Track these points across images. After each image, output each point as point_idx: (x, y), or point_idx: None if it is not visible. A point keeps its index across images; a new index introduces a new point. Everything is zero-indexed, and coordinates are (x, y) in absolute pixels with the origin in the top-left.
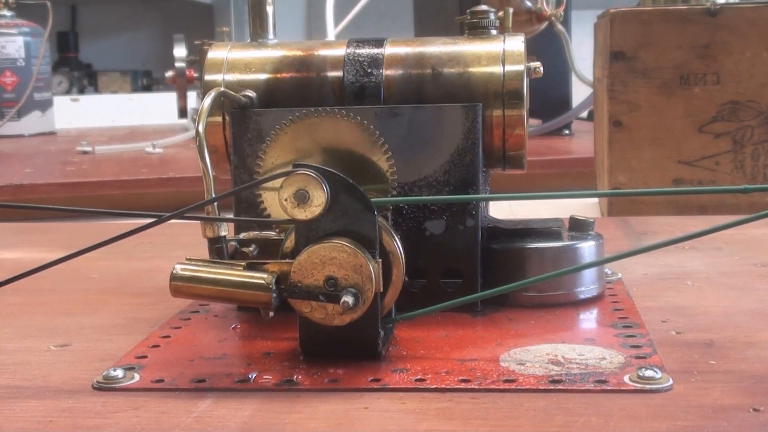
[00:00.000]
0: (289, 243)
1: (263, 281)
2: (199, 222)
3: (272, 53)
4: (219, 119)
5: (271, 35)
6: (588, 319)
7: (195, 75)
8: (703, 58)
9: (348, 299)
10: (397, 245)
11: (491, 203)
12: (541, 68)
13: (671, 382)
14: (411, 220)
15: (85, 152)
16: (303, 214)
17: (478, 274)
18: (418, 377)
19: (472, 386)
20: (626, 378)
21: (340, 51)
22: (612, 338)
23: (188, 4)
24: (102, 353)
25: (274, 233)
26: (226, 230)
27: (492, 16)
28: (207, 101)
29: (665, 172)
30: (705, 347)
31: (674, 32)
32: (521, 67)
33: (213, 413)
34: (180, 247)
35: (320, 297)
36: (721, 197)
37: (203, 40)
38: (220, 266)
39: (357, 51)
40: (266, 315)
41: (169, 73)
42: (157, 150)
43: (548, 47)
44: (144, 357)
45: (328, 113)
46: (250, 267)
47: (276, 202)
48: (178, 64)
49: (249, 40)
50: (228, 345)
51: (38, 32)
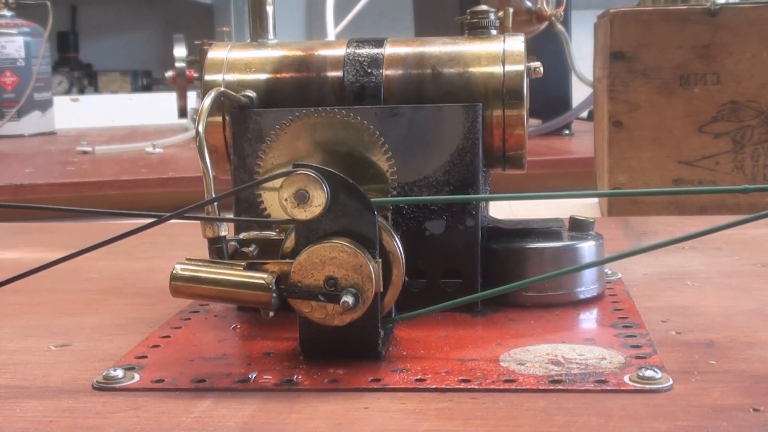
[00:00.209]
0: (289, 243)
1: (263, 281)
2: (199, 222)
3: (272, 53)
4: (219, 119)
5: (271, 35)
6: (588, 319)
7: (195, 75)
8: (703, 58)
9: (348, 299)
10: (397, 245)
11: (491, 203)
12: (541, 68)
13: (671, 382)
14: (411, 220)
15: (85, 152)
16: (303, 214)
17: (478, 274)
18: (418, 377)
19: (472, 386)
20: (626, 378)
21: (340, 51)
22: (612, 338)
23: (188, 4)
24: (102, 353)
25: (274, 233)
26: (226, 230)
27: (492, 16)
28: (207, 101)
29: (665, 172)
30: (705, 347)
31: (674, 32)
32: (521, 67)
33: (213, 413)
34: (180, 247)
35: (320, 297)
36: (721, 197)
37: (203, 40)
38: (220, 266)
39: (357, 51)
40: (266, 315)
41: (169, 73)
42: (157, 150)
43: (548, 47)
44: (144, 357)
45: (328, 113)
46: (250, 267)
47: (276, 202)
48: (178, 64)
49: (249, 40)
50: (228, 345)
51: (38, 32)
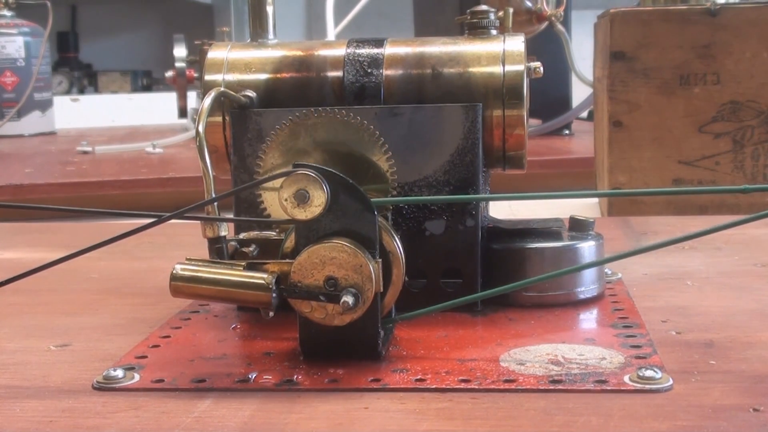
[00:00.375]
0: (289, 243)
1: (263, 281)
2: (199, 222)
3: (272, 53)
4: (219, 119)
5: (271, 35)
6: (588, 319)
7: (195, 75)
8: (703, 58)
9: (348, 299)
10: (397, 245)
11: (491, 203)
12: (541, 68)
13: (671, 382)
14: (411, 220)
15: (85, 152)
16: (303, 214)
17: (478, 274)
18: (418, 377)
19: (472, 386)
20: (626, 378)
21: (340, 51)
22: (612, 338)
23: (188, 4)
24: (102, 353)
25: (274, 233)
26: (226, 230)
27: (492, 16)
28: (207, 101)
29: (665, 172)
30: (705, 347)
31: (674, 32)
32: (521, 67)
33: (213, 413)
34: (180, 247)
35: (320, 297)
36: (721, 197)
37: (203, 40)
38: (220, 266)
39: (357, 51)
40: (266, 315)
41: (169, 73)
42: (157, 150)
43: (548, 47)
44: (144, 357)
45: (328, 113)
46: (250, 267)
47: (276, 202)
48: (178, 64)
49: (249, 40)
50: (228, 345)
51: (38, 32)
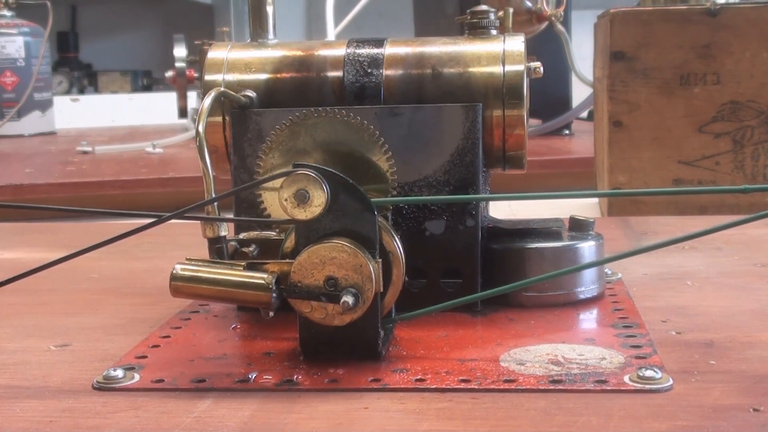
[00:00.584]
0: (289, 243)
1: (263, 281)
2: (199, 222)
3: (272, 53)
4: (219, 119)
5: (271, 35)
6: (588, 319)
7: (195, 75)
8: (703, 58)
9: (348, 299)
10: (397, 245)
11: (491, 203)
12: (541, 68)
13: (671, 382)
14: (411, 220)
15: (85, 152)
16: (303, 214)
17: (478, 274)
18: (418, 377)
19: (472, 386)
20: (626, 378)
21: (340, 51)
22: (612, 338)
23: (188, 4)
24: (102, 353)
25: (274, 233)
26: (226, 230)
27: (492, 16)
28: (207, 101)
29: (665, 172)
30: (705, 347)
31: (674, 32)
32: (521, 67)
33: (213, 413)
34: (180, 247)
35: (320, 297)
36: (721, 197)
37: (203, 40)
38: (220, 266)
39: (357, 51)
40: (266, 315)
41: (169, 73)
42: (157, 150)
43: (548, 47)
44: (144, 357)
45: (328, 113)
46: (250, 267)
47: (276, 202)
48: (178, 64)
49: (249, 40)
50: (228, 345)
51: (38, 32)
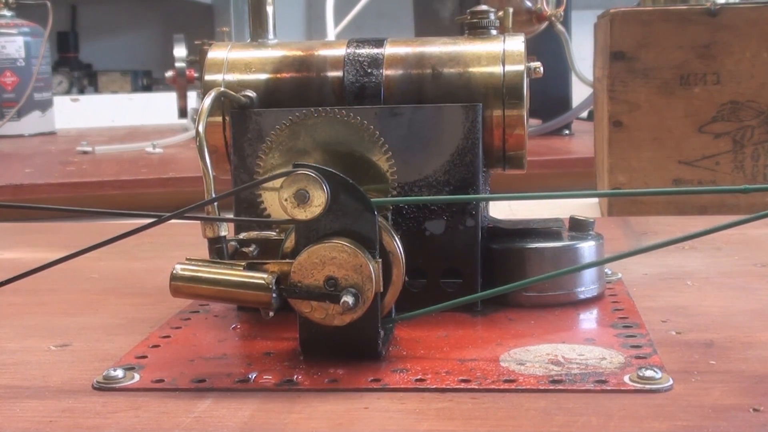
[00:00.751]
0: (289, 243)
1: (263, 281)
2: (199, 222)
3: (272, 53)
4: (219, 119)
5: (271, 35)
6: (588, 319)
7: (195, 75)
8: (703, 58)
9: (348, 299)
10: (397, 245)
11: (491, 203)
12: (541, 68)
13: (671, 382)
14: (411, 220)
15: (85, 152)
16: (303, 214)
17: (478, 274)
18: (418, 377)
19: (472, 386)
20: (626, 378)
21: (340, 51)
22: (612, 338)
23: (188, 4)
24: (102, 353)
25: (274, 233)
26: (226, 230)
27: (492, 16)
28: (207, 101)
29: (665, 172)
30: (705, 347)
31: (674, 32)
32: (521, 67)
33: (213, 413)
34: (180, 247)
35: (320, 297)
36: (721, 197)
37: (203, 40)
38: (220, 266)
39: (357, 51)
40: (266, 315)
41: (169, 73)
42: (157, 150)
43: (548, 47)
44: (144, 357)
45: (328, 113)
46: (250, 267)
47: (276, 202)
48: (178, 64)
49: (249, 40)
50: (228, 345)
51: (38, 32)
